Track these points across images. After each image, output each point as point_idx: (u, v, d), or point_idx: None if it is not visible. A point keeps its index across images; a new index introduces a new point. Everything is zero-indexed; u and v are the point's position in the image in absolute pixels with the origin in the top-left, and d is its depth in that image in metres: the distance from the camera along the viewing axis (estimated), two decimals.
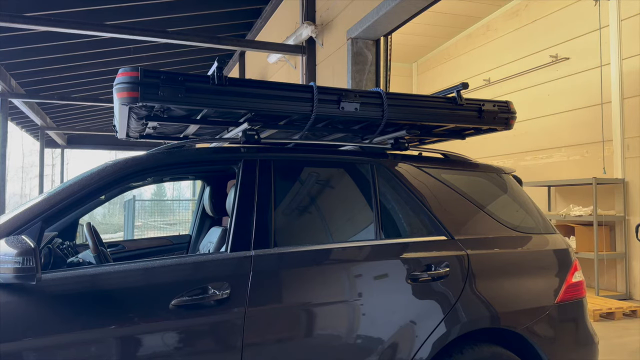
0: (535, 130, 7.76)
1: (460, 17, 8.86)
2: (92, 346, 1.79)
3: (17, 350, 1.71)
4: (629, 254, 6.19)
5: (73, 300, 1.82)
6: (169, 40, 5.95)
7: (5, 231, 1.86)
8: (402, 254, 2.32)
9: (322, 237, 2.33)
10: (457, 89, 2.58)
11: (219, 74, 2.10)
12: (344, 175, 2.48)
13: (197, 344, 1.91)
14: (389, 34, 5.44)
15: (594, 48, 6.75)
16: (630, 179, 6.17)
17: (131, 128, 2.54)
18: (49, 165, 30.52)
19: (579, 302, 2.52)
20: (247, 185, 2.21)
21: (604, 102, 6.55)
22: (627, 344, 4.42)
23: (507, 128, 2.76)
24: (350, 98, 2.33)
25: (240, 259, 2.07)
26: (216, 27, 8.85)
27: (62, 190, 1.99)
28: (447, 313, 2.28)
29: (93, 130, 14.87)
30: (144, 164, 2.13)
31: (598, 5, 6.62)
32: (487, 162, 2.85)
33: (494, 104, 2.68)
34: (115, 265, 1.95)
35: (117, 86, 1.99)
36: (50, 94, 10.54)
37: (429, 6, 4.65)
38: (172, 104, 2.06)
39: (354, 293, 2.18)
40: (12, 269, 1.65)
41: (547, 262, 2.53)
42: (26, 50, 8.12)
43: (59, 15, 6.81)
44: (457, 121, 2.59)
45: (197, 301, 1.93)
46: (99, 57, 9.14)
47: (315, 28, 6.32)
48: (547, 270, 2.51)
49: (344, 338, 2.12)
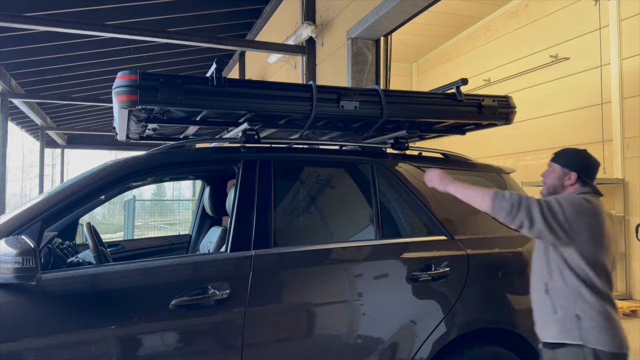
0: (535, 130, 7.75)
1: (460, 17, 8.85)
2: (92, 346, 1.79)
3: (17, 350, 1.71)
4: (629, 254, 6.19)
5: (73, 300, 1.82)
6: (169, 40, 5.95)
7: (5, 231, 1.86)
8: (402, 253, 2.32)
9: (322, 237, 2.33)
10: (457, 84, 2.57)
11: (217, 75, 2.10)
12: (344, 175, 2.48)
13: (197, 344, 1.91)
14: (389, 34, 5.43)
15: (593, 48, 6.75)
16: (630, 179, 6.17)
17: (131, 130, 2.54)
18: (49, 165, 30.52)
19: None
20: (247, 185, 2.21)
21: (604, 102, 6.55)
22: None
23: (507, 123, 2.76)
24: (350, 96, 2.33)
25: (240, 259, 2.07)
26: (216, 27, 8.84)
27: (62, 190, 1.99)
28: (447, 313, 2.28)
29: (93, 130, 14.86)
30: (144, 164, 2.13)
31: (598, 5, 6.61)
32: (487, 162, 2.85)
33: (493, 99, 2.67)
34: (115, 265, 1.95)
35: (116, 89, 1.99)
36: (50, 94, 10.53)
37: (429, 6, 4.64)
38: (172, 106, 2.06)
39: (354, 293, 2.18)
40: (12, 269, 1.66)
41: None
42: (26, 50, 8.12)
43: (59, 15, 6.80)
44: (457, 117, 2.58)
45: (197, 301, 1.93)
46: (99, 57, 9.13)
47: (315, 28, 6.32)
48: None
49: (344, 338, 2.12)
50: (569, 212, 1.93)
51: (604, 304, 1.91)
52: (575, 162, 2.07)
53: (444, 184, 2.22)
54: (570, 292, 1.95)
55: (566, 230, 1.93)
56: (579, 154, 2.11)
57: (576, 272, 1.94)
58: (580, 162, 2.07)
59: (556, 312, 1.99)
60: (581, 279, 1.93)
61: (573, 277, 1.95)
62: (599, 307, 1.90)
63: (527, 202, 1.98)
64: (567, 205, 1.95)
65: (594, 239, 1.93)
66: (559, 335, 1.98)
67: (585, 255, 1.93)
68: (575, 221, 1.92)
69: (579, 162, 2.07)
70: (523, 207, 1.97)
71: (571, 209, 1.94)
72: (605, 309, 1.90)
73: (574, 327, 1.94)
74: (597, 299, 1.91)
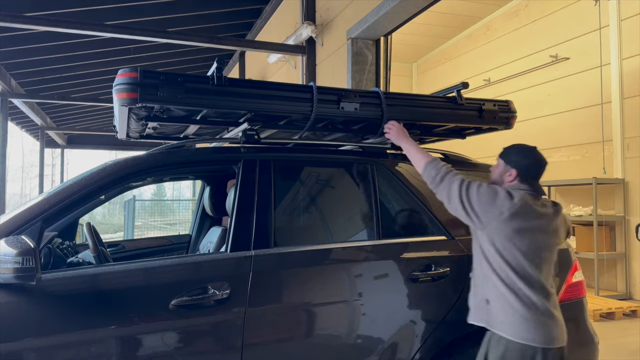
0: (535, 130, 7.75)
1: (460, 17, 8.85)
2: (92, 346, 1.79)
3: (17, 350, 1.71)
4: (629, 254, 6.19)
5: (73, 300, 1.82)
6: (169, 40, 5.95)
7: (5, 231, 1.86)
8: (402, 254, 2.32)
9: (322, 237, 2.33)
10: (457, 88, 2.57)
11: (218, 74, 2.10)
12: (344, 175, 2.47)
13: (197, 344, 1.91)
14: (389, 34, 5.43)
15: (593, 48, 6.75)
16: (630, 179, 6.17)
17: (131, 128, 2.54)
18: (49, 165, 30.52)
19: (579, 302, 2.52)
20: (247, 185, 2.21)
21: (604, 102, 6.55)
22: (627, 344, 4.42)
23: (507, 127, 2.75)
24: (350, 98, 2.33)
25: (240, 259, 2.07)
26: (216, 27, 8.84)
27: (62, 190, 1.99)
28: (447, 313, 2.28)
29: (93, 130, 14.86)
30: (144, 164, 2.13)
31: (598, 5, 6.61)
32: (487, 162, 2.85)
33: (494, 104, 2.67)
34: (115, 265, 1.95)
35: (117, 87, 1.99)
36: (50, 94, 10.53)
37: (429, 6, 4.64)
38: (172, 105, 2.06)
39: (354, 293, 2.18)
40: (12, 269, 1.65)
41: None
42: (26, 50, 8.12)
43: (59, 15, 6.80)
44: (457, 121, 2.58)
45: (197, 301, 1.93)
46: (99, 57, 9.14)
47: (315, 28, 6.32)
48: None
49: (344, 338, 2.12)
50: (485, 198, 1.98)
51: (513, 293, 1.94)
52: (518, 160, 2.09)
53: (398, 138, 2.31)
54: (483, 276, 2.03)
55: (478, 214, 1.99)
56: (523, 152, 2.11)
57: (487, 257, 2.01)
58: (523, 161, 2.08)
59: (476, 295, 2.08)
60: (491, 265, 2.00)
61: (485, 262, 2.02)
62: (506, 295, 1.94)
63: (452, 178, 2.06)
64: (485, 192, 2.00)
65: (505, 232, 1.96)
66: (473, 317, 2.08)
67: (496, 244, 1.97)
68: (487, 209, 1.97)
69: (521, 160, 2.08)
70: (446, 181, 2.07)
71: (487, 196, 1.99)
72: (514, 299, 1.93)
73: (483, 311, 2.03)
74: (505, 287, 1.95)
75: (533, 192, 2.06)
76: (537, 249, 1.97)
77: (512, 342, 1.92)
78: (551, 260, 2.03)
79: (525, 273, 1.96)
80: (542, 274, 1.97)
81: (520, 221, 1.96)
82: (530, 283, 1.95)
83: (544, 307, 1.94)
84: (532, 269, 1.96)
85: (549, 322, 1.93)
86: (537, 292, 1.95)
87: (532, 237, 1.97)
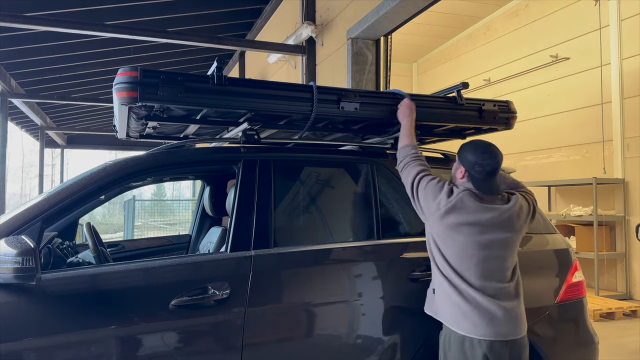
0: (535, 130, 7.75)
1: (460, 17, 8.85)
2: (92, 346, 1.79)
3: (17, 350, 1.71)
4: (629, 254, 6.19)
5: (73, 300, 1.82)
6: (169, 40, 5.95)
7: (5, 231, 1.86)
8: (402, 254, 2.32)
9: (322, 237, 2.33)
10: (457, 88, 2.57)
11: (218, 73, 2.10)
12: (344, 175, 2.47)
13: (197, 344, 1.91)
14: (389, 34, 5.43)
15: (594, 48, 6.75)
16: (630, 179, 6.17)
17: (131, 128, 2.54)
18: (49, 165, 30.52)
19: (579, 302, 2.52)
20: (247, 185, 2.21)
21: (604, 102, 6.55)
22: (627, 344, 4.42)
23: (507, 128, 2.75)
24: (350, 98, 2.33)
25: (240, 259, 2.07)
26: (216, 27, 8.84)
27: (62, 190, 1.99)
28: None
29: (93, 130, 14.86)
30: (144, 164, 2.12)
31: (598, 5, 6.61)
32: None
33: (494, 104, 2.67)
34: (115, 265, 1.95)
35: (117, 86, 1.99)
36: (50, 94, 10.53)
37: (429, 6, 4.64)
38: (172, 104, 2.05)
39: (353, 293, 2.18)
40: (12, 269, 1.65)
41: (548, 262, 2.53)
42: (26, 50, 8.12)
43: (59, 15, 6.80)
44: (458, 121, 2.58)
45: (197, 301, 1.93)
46: (99, 57, 9.13)
47: (315, 28, 6.31)
48: (548, 270, 2.51)
49: (344, 338, 2.12)
50: (429, 193, 2.07)
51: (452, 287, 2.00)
52: (467, 158, 2.10)
53: (403, 116, 2.34)
54: (432, 267, 2.13)
55: (422, 207, 2.10)
56: (473, 149, 2.10)
57: (431, 250, 2.12)
58: (471, 158, 2.08)
59: (429, 286, 2.17)
60: (434, 258, 2.10)
61: (430, 254, 2.14)
62: (447, 288, 2.02)
63: (413, 167, 2.15)
64: (432, 187, 2.07)
65: (440, 228, 2.03)
66: (426, 306, 2.18)
67: (435, 238, 2.08)
68: (429, 204, 2.06)
69: (470, 157, 2.09)
70: (408, 169, 2.17)
71: (432, 191, 2.06)
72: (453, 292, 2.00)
73: (431, 301, 2.13)
74: (445, 280, 2.03)
75: (480, 189, 2.06)
76: (476, 246, 1.99)
77: (453, 332, 1.99)
78: (502, 254, 2.03)
79: (461, 268, 2.00)
80: (483, 269, 1.99)
81: (456, 217, 1.99)
82: (467, 278, 1.99)
83: (487, 301, 1.96)
84: (470, 264, 1.99)
85: (495, 316, 1.95)
86: (477, 288, 1.98)
87: (470, 233, 1.99)
